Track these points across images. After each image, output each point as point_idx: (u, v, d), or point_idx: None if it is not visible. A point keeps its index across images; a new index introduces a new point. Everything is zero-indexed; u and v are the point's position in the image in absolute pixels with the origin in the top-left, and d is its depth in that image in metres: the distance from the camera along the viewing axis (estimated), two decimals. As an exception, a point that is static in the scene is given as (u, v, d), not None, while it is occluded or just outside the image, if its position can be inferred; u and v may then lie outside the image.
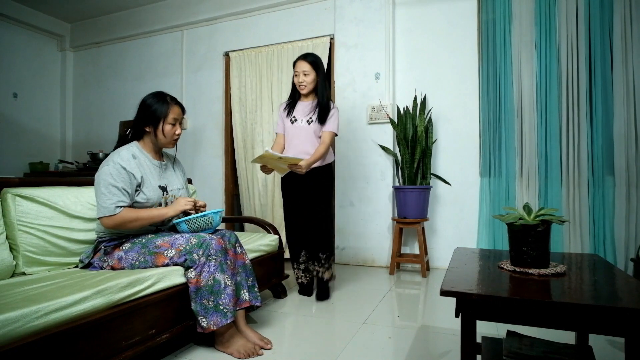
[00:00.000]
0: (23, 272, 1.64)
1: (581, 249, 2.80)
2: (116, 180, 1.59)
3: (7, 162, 4.43)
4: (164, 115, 1.72)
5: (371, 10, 3.46)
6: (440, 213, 3.33)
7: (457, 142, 3.27)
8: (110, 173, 1.60)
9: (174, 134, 1.77)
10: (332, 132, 2.41)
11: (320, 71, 2.41)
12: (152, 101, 1.73)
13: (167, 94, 1.78)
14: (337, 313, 2.20)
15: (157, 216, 1.68)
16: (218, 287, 1.59)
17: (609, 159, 2.78)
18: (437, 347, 1.76)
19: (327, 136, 2.40)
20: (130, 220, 1.60)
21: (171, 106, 1.74)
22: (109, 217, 1.57)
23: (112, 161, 1.63)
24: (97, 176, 1.63)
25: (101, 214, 1.58)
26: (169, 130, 1.75)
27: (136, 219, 1.61)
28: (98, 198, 1.59)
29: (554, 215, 1.20)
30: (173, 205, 1.74)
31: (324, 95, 2.41)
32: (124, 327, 1.38)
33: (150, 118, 1.72)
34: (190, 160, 4.23)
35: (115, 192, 1.58)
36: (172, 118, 1.74)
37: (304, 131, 2.42)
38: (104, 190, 1.58)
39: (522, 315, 0.99)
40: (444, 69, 3.32)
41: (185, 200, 1.75)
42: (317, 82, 2.41)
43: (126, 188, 1.61)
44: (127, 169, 1.63)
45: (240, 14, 4.07)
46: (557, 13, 2.91)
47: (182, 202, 1.74)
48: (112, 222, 1.58)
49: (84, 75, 5.04)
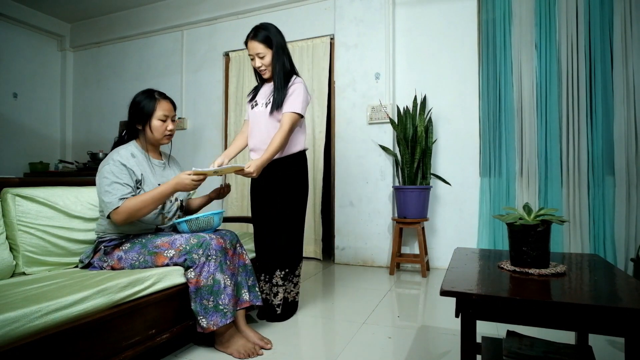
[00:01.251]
0: (23, 272, 1.63)
1: (581, 249, 2.80)
2: (118, 177, 1.60)
3: (7, 162, 4.44)
4: (151, 111, 1.71)
5: (371, 10, 3.46)
6: (440, 213, 3.33)
7: (457, 142, 3.27)
8: (112, 171, 1.60)
9: (165, 130, 1.75)
10: (292, 113, 1.92)
11: (274, 46, 1.97)
12: (141, 98, 1.72)
13: (155, 90, 1.76)
14: (337, 313, 2.20)
15: (158, 194, 1.61)
16: (218, 287, 1.59)
17: (609, 159, 2.78)
18: (437, 347, 1.76)
19: (286, 119, 1.91)
20: (137, 208, 1.57)
21: (159, 102, 1.72)
22: (116, 211, 1.56)
23: (111, 159, 1.63)
24: (98, 176, 1.63)
25: (108, 210, 1.57)
26: (159, 127, 1.73)
27: (142, 203, 1.58)
28: (103, 196, 1.59)
29: (554, 215, 1.20)
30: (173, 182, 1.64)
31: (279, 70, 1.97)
32: (124, 327, 1.38)
33: (139, 115, 1.72)
34: (190, 160, 4.23)
35: (119, 188, 1.59)
36: (162, 114, 1.72)
37: (263, 117, 1.99)
38: (108, 188, 1.58)
39: (522, 315, 0.99)
40: (444, 69, 3.32)
41: (188, 176, 1.62)
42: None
43: (128, 183, 1.62)
44: (127, 165, 1.64)
45: (240, 14, 4.07)
46: (557, 13, 2.91)
47: (184, 179, 1.62)
48: (121, 216, 1.57)
49: (84, 75, 5.04)
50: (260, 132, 1.99)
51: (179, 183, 1.63)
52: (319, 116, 3.70)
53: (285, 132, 1.89)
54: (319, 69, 3.70)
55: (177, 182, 1.63)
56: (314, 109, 3.72)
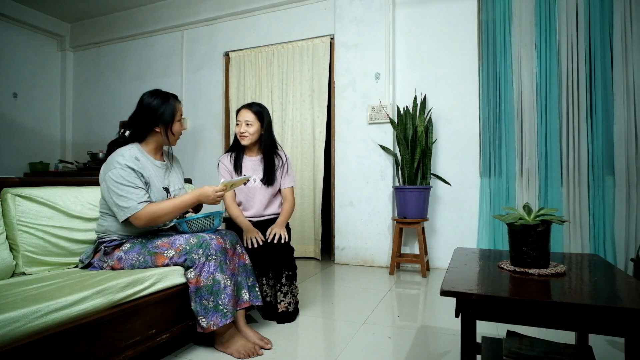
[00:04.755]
0: (23, 272, 1.63)
1: (581, 249, 2.80)
2: (130, 181, 1.57)
3: (7, 162, 4.44)
4: (174, 114, 1.73)
5: (371, 10, 3.46)
6: (440, 213, 3.33)
7: (457, 142, 3.27)
8: (121, 175, 1.56)
9: (181, 131, 1.81)
10: (293, 187, 2.30)
11: (264, 122, 2.19)
12: (158, 102, 1.69)
13: (168, 93, 1.75)
14: (337, 313, 2.20)
15: (180, 202, 1.63)
16: (218, 287, 1.59)
17: (609, 159, 2.78)
18: (437, 347, 1.76)
19: (290, 193, 2.27)
20: (158, 215, 1.58)
21: (177, 104, 1.76)
22: (136, 216, 1.55)
23: (117, 163, 1.59)
24: (105, 181, 1.59)
25: (126, 214, 1.55)
26: (179, 128, 1.78)
27: (164, 211, 1.59)
28: (118, 201, 1.55)
29: (554, 215, 1.20)
30: (197, 193, 1.66)
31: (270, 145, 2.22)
32: (124, 327, 1.38)
33: (161, 118, 1.69)
34: (190, 160, 4.23)
35: (133, 191, 1.57)
36: (179, 115, 1.77)
37: (260, 191, 2.22)
38: (121, 193, 1.55)
39: (522, 315, 0.99)
40: (444, 69, 3.32)
41: (213, 190, 1.66)
42: (261, 135, 2.20)
43: (141, 185, 1.60)
44: (135, 169, 1.61)
45: (240, 14, 4.07)
46: (557, 13, 2.91)
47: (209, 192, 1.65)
48: (142, 221, 1.56)
49: (84, 75, 5.04)
50: (261, 202, 2.24)
51: (202, 194, 1.66)
52: (319, 116, 3.70)
53: (293, 203, 2.28)
54: (319, 69, 3.70)
55: (200, 194, 1.66)
56: (314, 109, 3.72)
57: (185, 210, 1.68)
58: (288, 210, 2.24)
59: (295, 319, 2.08)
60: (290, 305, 2.05)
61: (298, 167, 3.75)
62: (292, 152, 3.77)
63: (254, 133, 2.17)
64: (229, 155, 2.26)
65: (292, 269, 2.07)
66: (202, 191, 1.66)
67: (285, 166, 2.28)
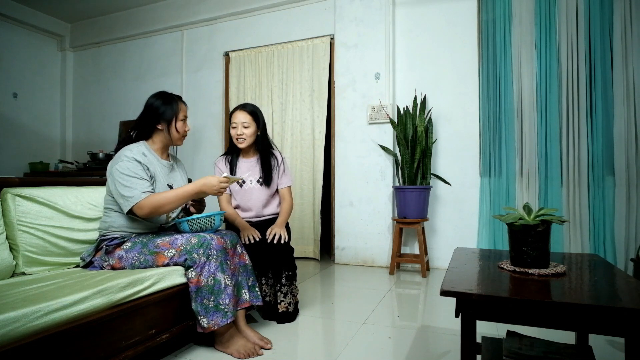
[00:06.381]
0: (23, 272, 1.63)
1: (581, 249, 2.80)
2: (135, 172, 1.60)
3: (7, 162, 4.44)
4: (177, 112, 1.77)
5: (371, 10, 3.46)
6: (440, 213, 3.33)
7: (457, 142, 3.27)
8: (128, 167, 1.60)
9: (185, 130, 1.83)
10: (290, 186, 2.31)
11: (260, 122, 2.18)
12: (162, 101, 1.77)
13: (173, 94, 1.82)
14: (337, 313, 2.20)
15: (183, 192, 1.63)
16: (218, 287, 1.59)
17: (609, 159, 2.78)
18: (437, 347, 1.76)
19: (287, 192, 2.28)
20: (161, 204, 1.58)
21: (180, 103, 1.81)
22: (139, 205, 1.57)
23: (124, 156, 1.63)
24: (112, 173, 1.62)
25: (130, 204, 1.57)
26: (182, 127, 1.80)
27: (166, 200, 1.60)
28: (122, 191, 1.58)
29: (554, 215, 1.20)
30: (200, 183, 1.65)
31: (266, 146, 2.22)
32: (124, 327, 1.38)
33: (163, 116, 1.75)
34: (190, 160, 4.23)
35: (138, 182, 1.59)
36: (182, 115, 1.80)
37: (257, 191, 2.21)
38: (126, 183, 1.58)
39: (522, 315, 0.99)
40: (444, 69, 3.32)
41: (217, 179, 1.65)
42: (257, 136, 2.19)
43: (145, 177, 1.63)
44: (141, 162, 1.64)
45: (240, 14, 4.07)
46: (557, 13, 2.91)
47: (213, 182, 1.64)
48: (144, 210, 1.57)
49: (84, 75, 5.04)
50: (259, 201, 2.23)
51: (205, 184, 1.64)
52: (319, 116, 3.70)
53: (291, 203, 2.29)
54: (319, 69, 3.70)
55: (203, 184, 1.64)
56: (314, 109, 3.72)
57: (188, 200, 1.67)
58: (287, 210, 2.25)
59: (295, 319, 2.08)
60: (290, 305, 2.05)
61: (298, 167, 3.75)
62: (292, 152, 3.77)
63: (251, 135, 2.16)
64: (224, 157, 2.28)
65: (292, 269, 2.07)
66: (205, 181, 1.65)
67: (281, 166, 2.27)
